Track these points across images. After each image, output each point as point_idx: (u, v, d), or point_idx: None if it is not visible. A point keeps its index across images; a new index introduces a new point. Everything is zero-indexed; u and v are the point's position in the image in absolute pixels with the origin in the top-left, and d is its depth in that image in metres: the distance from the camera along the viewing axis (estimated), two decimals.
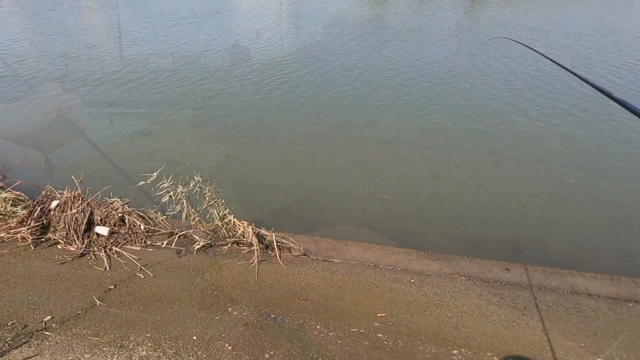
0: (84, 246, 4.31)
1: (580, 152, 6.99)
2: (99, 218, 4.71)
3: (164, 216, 4.72)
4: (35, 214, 4.57)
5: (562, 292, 3.97)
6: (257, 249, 4.31)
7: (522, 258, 4.59)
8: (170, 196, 4.41)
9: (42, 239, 4.44)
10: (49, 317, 3.32)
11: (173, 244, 4.43)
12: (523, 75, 10.42)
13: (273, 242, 4.43)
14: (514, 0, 20.55)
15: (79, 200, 4.73)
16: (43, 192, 4.84)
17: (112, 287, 3.72)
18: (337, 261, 4.37)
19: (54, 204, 4.69)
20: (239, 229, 4.52)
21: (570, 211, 5.57)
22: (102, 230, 4.58)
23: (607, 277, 4.25)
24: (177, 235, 4.55)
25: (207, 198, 4.53)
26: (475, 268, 4.34)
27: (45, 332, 3.17)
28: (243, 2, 20.43)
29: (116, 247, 4.38)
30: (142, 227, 4.69)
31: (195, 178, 4.48)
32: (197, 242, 4.45)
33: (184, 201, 4.44)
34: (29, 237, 4.37)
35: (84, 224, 4.54)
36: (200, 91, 9.50)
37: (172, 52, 12.47)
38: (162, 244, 4.44)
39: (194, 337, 3.16)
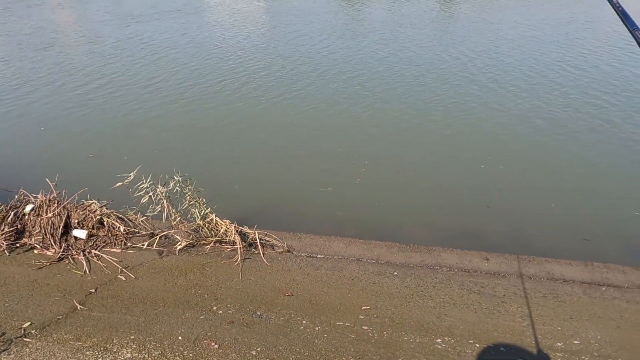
0: (61, 250, 4.21)
1: (547, 143, 7.20)
2: (76, 221, 4.60)
3: (144, 217, 4.65)
4: (9, 218, 4.44)
5: (539, 279, 4.10)
6: (240, 247, 4.29)
7: (501, 248, 4.71)
8: (150, 196, 4.35)
9: (17, 245, 4.32)
10: (28, 323, 3.24)
11: (154, 245, 4.38)
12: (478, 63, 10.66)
13: (256, 240, 4.42)
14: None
15: (54, 203, 4.61)
16: (16, 197, 4.71)
17: (93, 290, 3.65)
18: (320, 257, 4.39)
19: (29, 208, 4.56)
20: (221, 227, 4.49)
21: (544, 200, 5.73)
22: (80, 233, 4.48)
23: (581, 263, 4.40)
24: (158, 236, 4.49)
25: (188, 197, 4.48)
26: (456, 259, 4.43)
27: (25, 339, 3.09)
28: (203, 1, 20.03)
29: (95, 250, 4.30)
30: (121, 229, 4.61)
31: (175, 177, 4.42)
32: (179, 242, 4.41)
33: (164, 201, 4.38)
34: (3, 243, 4.24)
35: (61, 227, 4.43)
36: (172, 92, 9.36)
37: (141, 49, 12.25)
38: (143, 245, 4.38)
39: (180, 337, 3.13)
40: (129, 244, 4.41)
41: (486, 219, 5.43)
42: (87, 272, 3.91)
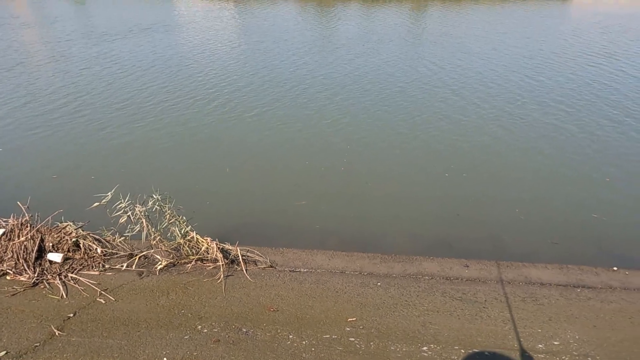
0: (36, 275, 4.06)
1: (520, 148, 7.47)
2: (50, 244, 4.46)
3: (122, 237, 4.54)
4: None
5: (518, 284, 4.21)
6: (222, 265, 4.25)
7: (480, 254, 4.82)
8: (128, 216, 4.27)
9: None
10: (4, 352, 3.10)
11: (134, 266, 4.28)
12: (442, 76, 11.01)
13: (238, 256, 4.39)
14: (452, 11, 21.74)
15: (27, 227, 4.46)
16: None
17: (72, 315, 3.54)
18: (304, 271, 4.39)
19: None
20: (203, 245, 4.44)
21: (509, 206, 5.89)
22: (55, 256, 4.34)
23: (556, 266, 4.55)
24: (138, 256, 4.40)
25: (168, 216, 4.42)
26: (437, 267, 4.51)
27: None
28: (169, 18, 19.89)
29: (72, 273, 4.17)
30: (98, 250, 4.49)
31: (154, 196, 4.36)
32: (160, 262, 4.32)
33: (143, 220, 4.31)
34: None
35: (34, 251, 4.28)
36: (140, 110, 9.24)
37: (109, 68, 12.09)
38: (122, 266, 4.28)
39: (164, 359, 3.06)
40: (107, 266, 4.30)
41: (460, 226, 5.54)
42: (64, 297, 3.78)
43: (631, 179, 6.53)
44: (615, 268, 4.52)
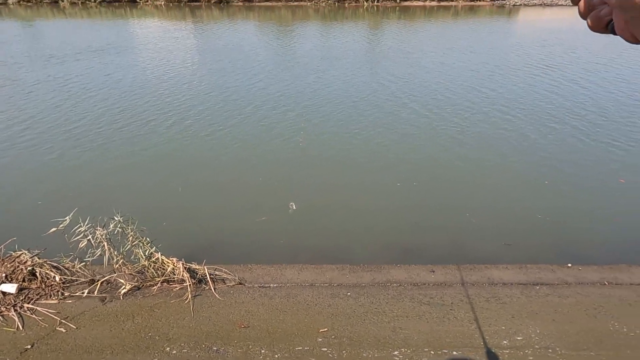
0: None
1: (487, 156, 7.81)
2: (3, 275, 4.23)
3: (83, 263, 4.38)
4: None
5: (481, 285, 4.37)
6: (189, 285, 4.17)
7: (445, 259, 4.97)
8: (88, 240, 4.13)
9: None
10: None
11: (95, 292, 4.13)
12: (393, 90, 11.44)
13: (206, 275, 4.32)
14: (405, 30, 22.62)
15: None
16: None
17: (29, 346, 3.35)
18: (274, 286, 4.37)
19: None
20: (168, 266, 4.34)
21: (463, 212, 6.13)
22: (9, 287, 4.12)
23: (516, 266, 4.75)
24: (99, 281, 4.25)
25: (131, 238, 4.31)
26: (404, 274, 4.61)
27: None
28: (123, 39, 19.53)
29: (28, 303, 3.96)
30: (57, 278, 4.30)
31: (116, 218, 4.24)
32: (123, 286, 4.18)
33: (105, 244, 4.17)
34: None
35: None
36: (95, 134, 9.01)
37: (61, 92, 11.73)
38: (83, 293, 4.11)
39: None
40: (66, 294, 4.12)
41: (422, 234, 5.69)
42: (21, 328, 3.58)
43: (569, 179, 6.93)
44: (569, 265, 4.77)
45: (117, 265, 4.25)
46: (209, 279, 4.29)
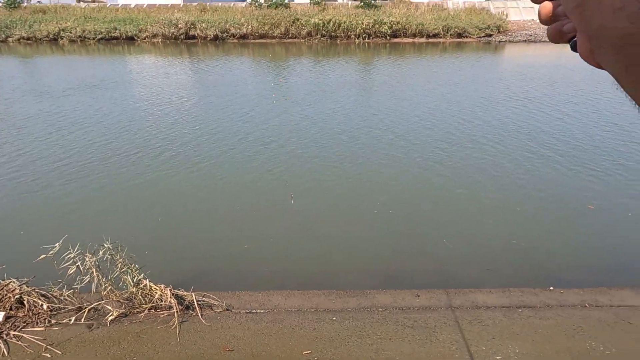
0: None
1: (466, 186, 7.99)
2: None
3: (71, 290, 4.42)
4: None
5: (465, 308, 4.44)
6: (176, 311, 4.21)
7: (430, 284, 5.05)
8: (77, 267, 4.19)
9: None
10: None
11: (82, 319, 4.15)
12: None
13: (194, 302, 4.37)
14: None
15: None
16: None
17: None
18: (260, 312, 4.42)
19: None
20: (156, 292, 4.39)
21: (457, 238, 6.26)
22: None
23: (500, 290, 4.84)
24: (87, 309, 4.28)
25: (119, 265, 4.38)
26: (390, 299, 4.68)
27: None
28: (118, 74, 19.74)
29: (14, 331, 3.98)
30: (44, 306, 4.33)
31: (105, 245, 4.33)
32: (110, 313, 4.22)
33: (94, 270, 4.24)
34: None
35: None
36: (86, 166, 9.16)
37: (53, 125, 11.95)
38: (70, 320, 4.13)
39: None
40: (53, 321, 4.14)
41: (408, 260, 5.77)
42: (6, 354, 3.60)
43: (541, 206, 7.07)
44: (551, 288, 4.87)
45: (105, 292, 4.30)
46: (196, 305, 4.34)
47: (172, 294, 4.40)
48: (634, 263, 5.65)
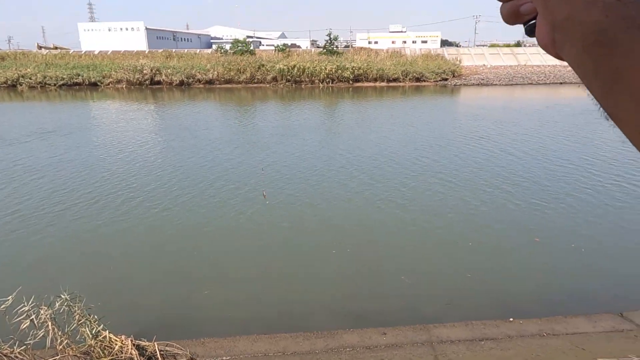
0: None
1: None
2: None
3: (23, 347, 4.18)
4: None
5: (430, 344, 4.51)
6: None
7: (395, 321, 5.10)
8: (31, 320, 4.00)
9: None
10: None
11: None
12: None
13: (156, 352, 4.23)
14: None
15: None
16: None
17: None
18: (226, 359, 4.33)
19: None
20: (116, 344, 4.23)
21: (423, 274, 6.40)
22: None
23: (462, 323, 4.96)
24: None
25: (77, 316, 4.21)
26: (357, 338, 4.70)
27: None
28: (79, 120, 19.30)
29: None
30: None
31: (62, 296, 4.17)
32: None
33: (49, 324, 4.06)
34: None
35: None
36: (41, 213, 8.87)
37: (6, 174, 11.56)
38: None
39: None
40: None
41: (374, 298, 5.84)
42: None
43: (491, 240, 7.38)
44: (511, 319, 5.04)
45: (60, 347, 4.10)
46: (159, 356, 4.21)
47: (134, 344, 4.25)
48: (586, 290, 5.93)
